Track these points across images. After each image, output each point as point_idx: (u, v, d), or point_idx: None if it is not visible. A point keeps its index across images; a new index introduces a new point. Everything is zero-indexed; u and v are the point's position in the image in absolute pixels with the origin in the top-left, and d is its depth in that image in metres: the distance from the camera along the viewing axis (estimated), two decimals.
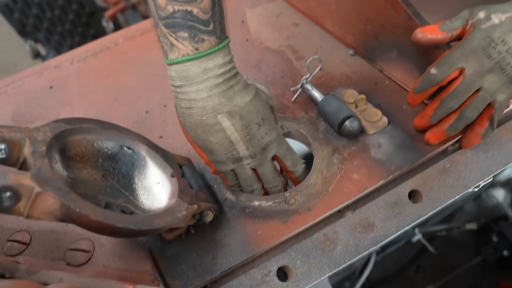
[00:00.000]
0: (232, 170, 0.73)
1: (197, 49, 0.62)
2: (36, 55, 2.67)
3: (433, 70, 0.72)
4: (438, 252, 1.70)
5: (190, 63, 0.63)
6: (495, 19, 0.69)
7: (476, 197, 1.81)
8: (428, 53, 0.80)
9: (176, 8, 0.60)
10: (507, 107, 0.81)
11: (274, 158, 0.76)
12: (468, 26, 0.72)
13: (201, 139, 0.69)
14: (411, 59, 0.84)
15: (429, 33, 0.74)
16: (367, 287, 1.74)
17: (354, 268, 1.54)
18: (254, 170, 0.74)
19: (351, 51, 1.00)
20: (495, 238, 1.75)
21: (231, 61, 0.67)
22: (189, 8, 0.60)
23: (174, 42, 0.63)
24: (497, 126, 0.81)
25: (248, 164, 0.72)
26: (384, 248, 1.60)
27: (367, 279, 1.69)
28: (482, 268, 1.78)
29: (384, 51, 0.91)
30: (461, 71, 0.71)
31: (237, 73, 0.68)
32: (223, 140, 0.68)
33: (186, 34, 0.61)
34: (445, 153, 0.80)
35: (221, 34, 0.64)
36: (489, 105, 0.72)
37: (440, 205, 0.74)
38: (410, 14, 0.78)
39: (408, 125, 0.82)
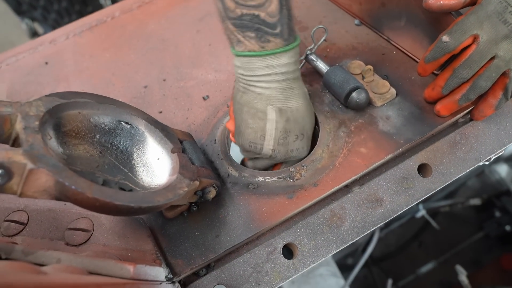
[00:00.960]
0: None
1: (263, 47, 0.65)
2: (33, 34, 2.63)
3: (445, 38, 0.69)
4: (440, 228, 1.70)
5: (255, 58, 0.66)
6: None
7: (479, 172, 1.80)
8: (439, 20, 0.76)
9: (245, 11, 0.63)
10: None
11: None
12: None
13: (241, 116, 0.71)
14: (421, 27, 0.81)
15: None
16: (370, 263, 1.74)
17: (357, 244, 1.53)
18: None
19: (356, 21, 0.96)
20: (497, 213, 1.76)
21: (296, 63, 0.69)
22: (256, 13, 0.62)
23: (241, 39, 0.66)
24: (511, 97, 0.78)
25: (262, 159, 0.76)
26: (388, 224, 1.60)
27: (370, 255, 1.69)
28: (484, 243, 1.79)
29: (391, 19, 0.87)
30: (475, 38, 0.67)
31: (299, 77, 0.71)
32: (258, 128, 0.70)
33: (253, 34, 0.65)
34: (455, 126, 0.77)
35: (289, 37, 0.66)
36: (504, 74, 0.69)
37: (450, 179, 0.72)
38: None
39: (417, 96, 0.79)
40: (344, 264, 1.59)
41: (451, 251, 1.72)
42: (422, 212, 1.54)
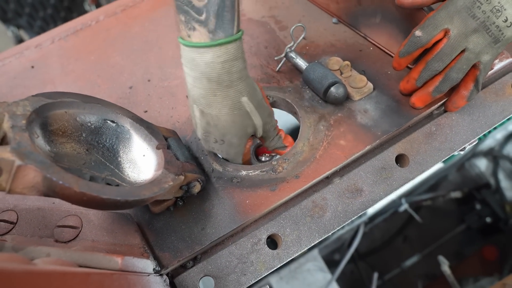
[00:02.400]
0: None
1: (189, 36, 0.60)
2: (19, 41, 2.62)
3: (417, 33, 0.72)
4: (424, 221, 1.74)
5: (183, 47, 0.62)
6: None
7: (460, 167, 1.85)
8: (412, 16, 0.79)
9: None
10: (491, 69, 0.81)
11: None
12: None
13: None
14: (395, 23, 0.84)
15: None
16: (356, 258, 1.77)
17: (343, 240, 1.56)
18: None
19: (334, 19, 0.99)
20: (478, 206, 1.81)
21: (226, 66, 0.61)
22: None
23: (178, 22, 0.62)
24: (482, 89, 0.81)
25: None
26: (372, 218, 1.63)
27: (356, 250, 1.72)
28: (466, 235, 1.84)
29: (367, 17, 0.90)
30: (446, 32, 0.70)
31: (230, 84, 0.63)
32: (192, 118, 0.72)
33: (183, 18, 0.60)
34: (430, 117, 0.80)
35: (217, 30, 0.59)
36: (474, 67, 0.72)
37: (427, 168, 0.75)
38: None
39: (393, 90, 0.82)
40: (331, 259, 1.62)
41: (435, 244, 1.76)
42: (404, 206, 1.57)
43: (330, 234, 0.70)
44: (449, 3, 0.70)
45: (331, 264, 1.49)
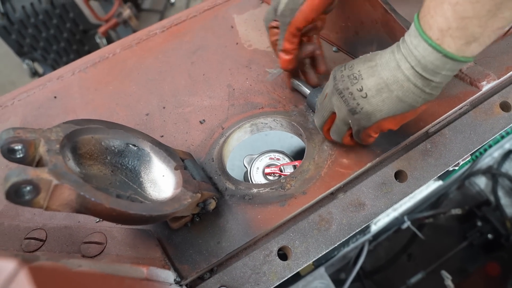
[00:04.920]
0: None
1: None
2: (34, 73, 2.73)
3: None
4: (427, 239, 1.78)
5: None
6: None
7: (460, 185, 1.89)
8: None
9: None
10: (480, 90, 0.86)
11: None
12: None
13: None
14: None
15: None
16: (362, 277, 1.80)
17: (348, 258, 1.60)
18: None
19: (334, 48, 1.07)
20: (479, 223, 1.85)
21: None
22: None
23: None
24: (472, 108, 0.88)
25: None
26: (376, 236, 1.66)
27: (362, 268, 1.76)
28: (469, 252, 1.86)
29: (364, 45, 0.97)
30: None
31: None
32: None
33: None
34: (426, 135, 0.87)
35: None
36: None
37: (424, 183, 0.81)
38: (387, 9, 0.84)
39: None
40: (337, 279, 1.65)
41: (438, 261, 1.79)
42: (407, 224, 1.62)
43: (336, 245, 0.76)
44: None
45: (337, 283, 1.52)
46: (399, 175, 0.82)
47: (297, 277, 1.40)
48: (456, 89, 0.90)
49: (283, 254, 0.76)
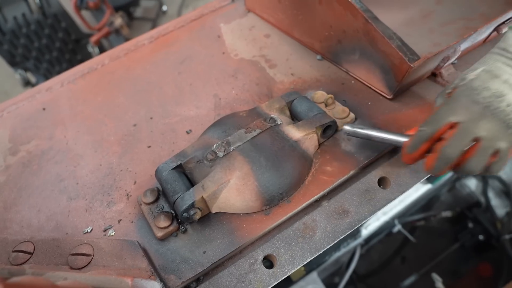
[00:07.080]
0: None
1: None
2: (27, 83, 2.74)
3: (421, 127, 0.73)
4: (419, 241, 1.79)
5: None
6: (470, 76, 0.71)
7: (451, 187, 1.90)
8: (385, 53, 0.87)
9: None
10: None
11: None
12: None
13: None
14: (372, 59, 0.92)
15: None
16: (356, 280, 1.81)
17: (341, 262, 1.61)
18: None
19: (318, 56, 1.08)
20: (470, 224, 1.86)
21: None
22: None
23: None
24: None
25: None
26: (367, 240, 1.67)
27: (355, 272, 1.76)
28: (461, 253, 1.87)
29: (347, 54, 0.99)
30: (453, 125, 0.70)
31: None
32: None
33: None
34: None
35: None
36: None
37: (407, 189, 0.82)
38: (367, 18, 0.85)
39: (373, 119, 0.90)
40: (331, 283, 1.66)
41: (431, 263, 1.80)
42: (398, 227, 1.63)
43: (320, 252, 0.76)
44: (449, 99, 0.72)
45: (331, 287, 1.53)
46: (382, 182, 0.83)
47: (289, 282, 1.41)
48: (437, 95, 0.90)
49: (268, 262, 0.77)
